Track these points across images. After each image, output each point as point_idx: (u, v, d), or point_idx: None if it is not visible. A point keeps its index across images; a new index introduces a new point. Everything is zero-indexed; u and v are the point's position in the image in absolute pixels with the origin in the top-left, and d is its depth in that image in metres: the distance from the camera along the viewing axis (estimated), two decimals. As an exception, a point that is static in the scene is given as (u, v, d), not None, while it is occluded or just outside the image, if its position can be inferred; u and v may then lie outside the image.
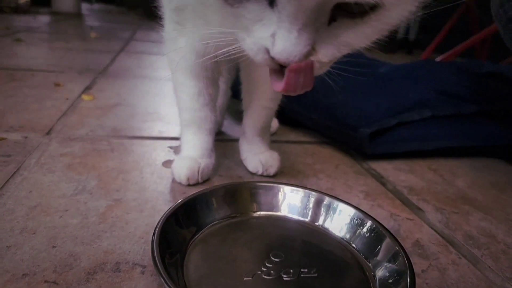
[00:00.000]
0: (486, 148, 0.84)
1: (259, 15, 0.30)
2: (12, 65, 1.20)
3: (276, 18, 0.29)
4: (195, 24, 0.49)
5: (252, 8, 0.30)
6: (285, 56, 0.30)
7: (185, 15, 0.50)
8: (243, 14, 0.31)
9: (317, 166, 0.71)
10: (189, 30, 0.51)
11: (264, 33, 0.31)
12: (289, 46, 0.30)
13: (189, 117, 0.59)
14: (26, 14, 2.94)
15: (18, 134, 0.68)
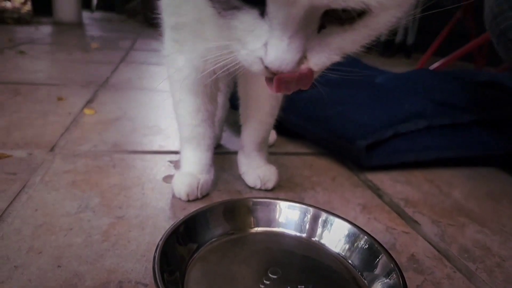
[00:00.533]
0: (482, 157, 0.85)
1: (251, 26, 0.31)
2: (16, 79, 1.22)
3: (267, 27, 0.31)
4: (194, 42, 0.51)
5: (244, 19, 0.31)
6: (277, 64, 0.31)
7: (183, 33, 0.52)
8: (235, 25, 0.32)
9: (315, 178, 0.72)
10: (188, 48, 0.53)
11: (257, 43, 0.32)
12: (281, 54, 0.30)
13: (188, 133, 0.60)
14: (28, 25, 2.98)
15: (23, 151, 0.70)
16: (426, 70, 1.17)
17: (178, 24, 0.52)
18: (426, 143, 0.82)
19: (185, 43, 0.52)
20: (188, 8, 0.49)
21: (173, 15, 0.52)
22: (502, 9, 0.75)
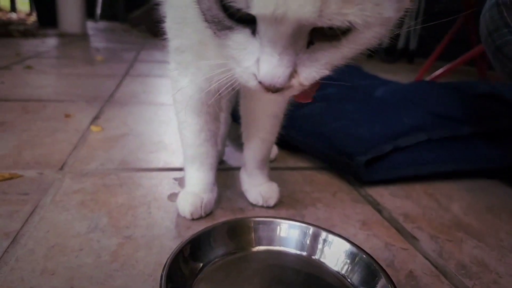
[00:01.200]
0: (483, 170, 0.87)
1: (243, 44, 0.34)
2: (24, 96, 1.25)
3: (258, 45, 0.33)
4: (197, 63, 0.53)
5: (237, 38, 0.34)
6: (269, 79, 0.33)
7: (186, 55, 0.54)
8: (229, 45, 0.35)
9: (315, 194, 0.74)
10: (191, 70, 0.55)
11: (249, 60, 0.34)
12: (272, 69, 0.32)
13: (191, 153, 0.63)
14: (34, 37, 3.03)
15: (33, 171, 0.72)
16: (425, 82, 1.19)
17: (180, 46, 0.54)
18: (425, 157, 0.84)
19: (188, 64, 0.55)
20: (190, 31, 0.51)
21: (176, 37, 0.54)
22: (497, 26, 0.77)
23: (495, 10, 0.77)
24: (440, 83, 1.19)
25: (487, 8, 0.80)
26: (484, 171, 0.87)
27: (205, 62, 0.50)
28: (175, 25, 0.53)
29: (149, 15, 4.31)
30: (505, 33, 0.75)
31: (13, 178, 0.69)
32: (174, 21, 0.54)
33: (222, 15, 0.33)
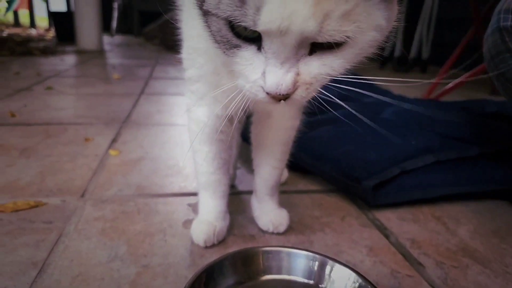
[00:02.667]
0: (491, 192, 0.88)
1: (250, 59, 0.38)
2: (46, 119, 1.32)
3: (263, 58, 0.37)
4: (210, 92, 0.57)
5: (244, 54, 0.38)
6: (275, 88, 0.37)
7: (200, 85, 0.58)
8: (237, 61, 0.39)
9: (324, 219, 0.76)
10: (206, 101, 0.59)
11: (257, 73, 0.38)
12: (277, 79, 0.36)
13: (204, 180, 0.66)
14: (54, 55, 3.15)
15: (57, 198, 0.77)
16: (432, 101, 1.20)
17: (194, 76, 0.58)
18: (433, 180, 0.85)
19: (203, 94, 0.59)
20: (203, 61, 0.55)
21: (190, 67, 0.58)
22: (499, 50, 0.78)
23: (497, 35, 0.79)
24: (447, 103, 1.21)
25: (489, 32, 0.82)
26: (493, 192, 0.88)
27: (218, 90, 0.54)
28: (189, 56, 0.58)
29: (163, 29, 4.42)
30: (507, 58, 0.77)
31: (38, 206, 0.74)
32: (187, 52, 0.58)
33: (231, 35, 0.37)
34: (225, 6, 0.35)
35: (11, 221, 0.68)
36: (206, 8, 0.38)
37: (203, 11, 0.39)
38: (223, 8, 0.35)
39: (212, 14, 0.37)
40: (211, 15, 0.38)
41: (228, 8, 0.35)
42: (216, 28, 0.38)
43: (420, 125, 1.00)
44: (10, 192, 0.79)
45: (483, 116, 1.02)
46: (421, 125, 1.00)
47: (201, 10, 0.39)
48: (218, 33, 0.38)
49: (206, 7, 0.37)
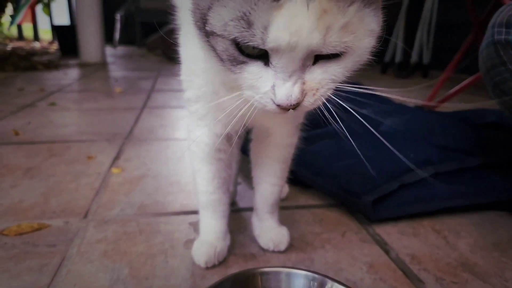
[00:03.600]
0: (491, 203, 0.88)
1: (259, 73, 0.40)
2: (49, 137, 1.34)
3: (272, 72, 0.39)
4: (209, 112, 0.58)
5: (252, 70, 0.40)
6: (285, 100, 0.39)
7: (199, 106, 0.59)
8: (246, 77, 0.41)
9: (325, 235, 0.77)
10: (205, 122, 0.60)
11: (267, 86, 0.40)
12: (286, 92, 0.39)
13: (205, 200, 0.67)
14: (57, 69, 3.18)
15: (60, 220, 0.78)
16: (430, 113, 1.20)
17: (193, 97, 0.59)
18: (432, 192, 0.86)
19: (203, 115, 0.60)
20: (202, 82, 0.56)
21: (188, 88, 0.59)
22: (494, 63, 0.79)
23: (491, 48, 0.80)
24: (445, 113, 1.21)
25: (484, 45, 0.83)
26: (493, 203, 0.88)
27: (216, 101, 0.55)
28: (187, 77, 0.59)
29: (165, 40, 4.47)
30: (502, 70, 0.78)
31: (41, 228, 0.75)
32: (186, 73, 0.59)
33: (237, 53, 0.40)
34: (232, 28, 0.37)
35: (15, 245, 0.69)
36: (210, 29, 0.39)
37: (205, 31, 0.40)
38: (230, 30, 0.37)
39: (218, 35, 0.39)
40: (216, 36, 0.39)
41: (236, 30, 0.37)
42: (222, 48, 0.40)
43: (419, 137, 1.00)
44: (14, 214, 0.80)
45: (482, 126, 1.02)
46: (420, 137, 1.00)
47: (203, 31, 0.41)
48: (225, 52, 0.40)
49: (210, 28, 0.39)
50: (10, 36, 6.89)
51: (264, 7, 0.35)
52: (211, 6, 0.38)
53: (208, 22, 0.39)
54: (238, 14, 0.36)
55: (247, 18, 0.36)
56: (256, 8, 0.35)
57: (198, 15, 0.41)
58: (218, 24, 0.38)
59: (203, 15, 0.39)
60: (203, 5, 0.40)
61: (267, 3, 0.35)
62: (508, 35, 0.76)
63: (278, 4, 0.35)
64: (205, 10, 0.39)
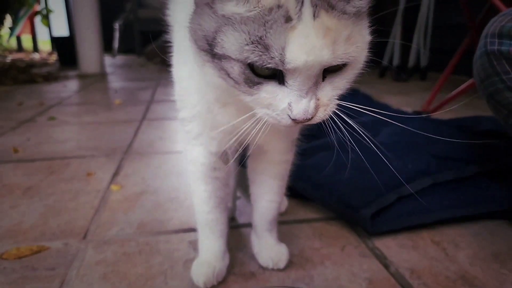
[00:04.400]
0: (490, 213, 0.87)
1: (275, 92, 0.42)
2: (49, 153, 1.34)
3: (287, 90, 0.41)
4: (204, 131, 0.58)
5: (268, 89, 0.42)
6: (302, 115, 0.42)
7: (193, 125, 0.59)
8: (262, 96, 0.43)
9: (324, 250, 0.77)
10: (200, 141, 0.61)
11: (284, 103, 0.42)
12: (303, 107, 0.41)
13: (202, 219, 0.68)
14: (56, 81, 3.20)
15: (59, 242, 0.79)
16: (427, 121, 1.20)
17: (187, 117, 0.59)
18: (431, 204, 0.86)
19: (198, 134, 0.60)
20: (195, 102, 0.57)
21: (183, 109, 0.60)
22: (488, 74, 0.79)
23: (485, 59, 0.80)
24: (442, 121, 1.21)
25: (477, 56, 0.83)
26: (491, 212, 0.87)
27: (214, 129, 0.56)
28: (181, 97, 0.59)
29: (163, 49, 4.48)
30: (496, 81, 0.78)
31: (41, 251, 0.75)
32: (179, 93, 0.59)
33: (253, 75, 0.41)
34: (249, 53, 0.38)
35: (15, 269, 0.70)
36: (222, 53, 0.40)
37: (211, 53, 0.41)
38: (247, 55, 0.39)
39: (233, 59, 0.40)
40: (231, 59, 0.40)
41: (254, 54, 0.38)
42: (238, 71, 0.41)
43: (417, 146, 1.01)
44: (14, 236, 0.81)
45: (479, 134, 1.02)
46: (418, 147, 1.00)
47: (207, 52, 0.42)
48: (241, 75, 0.41)
49: (223, 52, 0.40)
50: (10, 48, 6.93)
51: (279, 30, 0.37)
52: (219, 30, 0.40)
53: (217, 46, 0.40)
54: (254, 38, 0.38)
55: (263, 42, 0.38)
56: (272, 32, 0.37)
57: (199, 35, 0.42)
58: (232, 48, 0.39)
59: (208, 37, 0.41)
60: (207, 26, 0.41)
61: (281, 26, 0.37)
62: (501, 46, 0.76)
63: (291, 26, 0.37)
64: (211, 33, 0.40)
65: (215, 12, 0.40)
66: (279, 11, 0.37)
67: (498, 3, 1.44)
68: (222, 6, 0.40)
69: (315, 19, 0.38)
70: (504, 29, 0.76)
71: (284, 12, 0.37)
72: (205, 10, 0.41)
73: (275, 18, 0.37)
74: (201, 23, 0.41)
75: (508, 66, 0.76)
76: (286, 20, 0.37)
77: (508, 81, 0.76)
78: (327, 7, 0.38)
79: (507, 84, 0.76)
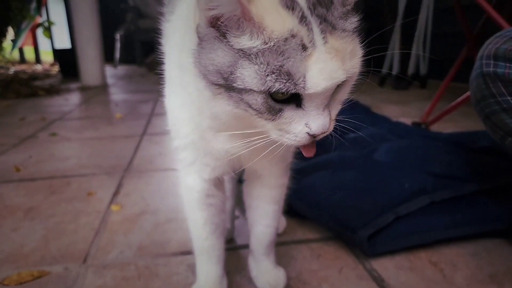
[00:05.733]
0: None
1: (292, 117, 0.44)
2: (50, 172, 1.35)
3: (303, 112, 0.44)
4: (201, 159, 0.59)
5: (287, 114, 0.44)
6: (321, 131, 0.44)
7: (187, 153, 0.60)
8: (281, 122, 0.44)
9: (322, 272, 0.77)
10: (194, 168, 0.61)
11: (300, 126, 0.44)
12: (322, 124, 0.44)
13: (198, 245, 0.68)
14: (58, 94, 3.23)
15: (59, 266, 0.79)
16: (424, 139, 1.20)
17: (180, 145, 0.60)
18: (428, 223, 0.86)
19: (191, 162, 0.61)
20: (188, 131, 0.57)
21: (176, 138, 0.61)
22: (483, 95, 0.80)
23: (480, 80, 0.81)
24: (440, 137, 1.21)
25: (473, 77, 0.84)
26: (490, 232, 0.88)
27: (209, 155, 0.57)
28: (174, 126, 0.60)
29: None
30: (491, 102, 0.79)
31: (41, 276, 0.76)
32: (172, 122, 0.60)
33: (274, 103, 0.43)
34: (272, 82, 0.40)
35: (16, 296, 0.70)
36: (243, 87, 0.41)
37: (226, 87, 0.42)
38: (271, 84, 0.40)
39: (256, 91, 0.41)
40: (253, 92, 0.41)
41: (277, 82, 0.40)
42: (261, 101, 0.42)
43: (413, 165, 1.01)
44: (15, 261, 0.82)
45: (475, 150, 1.02)
46: (415, 165, 1.01)
47: (222, 87, 0.43)
48: (264, 105, 0.42)
49: (244, 86, 0.41)
50: (12, 59, 6.99)
51: (298, 58, 0.40)
52: (236, 64, 0.41)
53: (237, 80, 0.41)
54: (274, 67, 0.40)
55: (284, 70, 0.40)
56: (292, 60, 0.40)
57: (211, 70, 0.42)
58: (254, 81, 0.41)
59: (223, 71, 0.41)
60: (220, 61, 0.42)
61: (300, 54, 0.40)
62: (496, 68, 0.77)
63: (308, 54, 0.40)
64: (226, 67, 0.41)
65: (228, 46, 0.41)
66: (294, 40, 0.40)
67: (494, 15, 1.45)
68: (237, 40, 0.41)
69: (325, 44, 0.41)
70: (499, 51, 0.77)
71: (299, 41, 0.40)
72: (215, 44, 0.42)
73: (292, 46, 0.40)
74: (213, 58, 0.42)
75: (503, 88, 0.77)
76: (303, 48, 0.40)
77: (504, 103, 0.76)
78: (331, 29, 0.41)
79: (502, 106, 0.76)
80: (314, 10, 0.41)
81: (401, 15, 3.10)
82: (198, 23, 0.43)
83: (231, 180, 0.88)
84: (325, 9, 0.42)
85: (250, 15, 0.39)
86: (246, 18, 0.39)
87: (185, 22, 0.49)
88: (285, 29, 0.40)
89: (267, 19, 0.40)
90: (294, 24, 0.40)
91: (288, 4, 0.40)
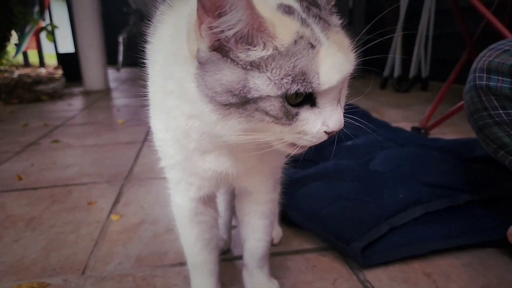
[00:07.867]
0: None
1: (307, 119, 0.45)
2: (52, 181, 1.38)
3: (317, 111, 0.45)
4: (186, 178, 0.60)
5: (302, 117, 0.45)
6: (338, 125, 0.46)
7: (174, 173, 0.61)
8: (298, 124, 0.45)
9: (316, 284, 0.78)
10: (181, 187, 0.63)
11: (317, 125, 0.46)
12: (338, 116, 0.46)
13: (191, 260, 0.70)
14: (61, 99, 3.26)
15: (59, 278, 0.81)
16: (420, 149, 1.21)
17: (167, 165, 0.62)
18: (423, 234, 0.87)
19: (178, 181, 0.62)
20: (173, 152, 0.58)
21: (163, 158, 0.62)
22: (476, 108, 0.81)
23: (474, 93, 0.82)
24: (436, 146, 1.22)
25: (467, 89, 0.84)
26: (483, 242, 0.88)
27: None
28: (160, 147, 0.61)
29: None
30: (484, 116, 0.80)
31: (42, 288, 0.78)
32: (158, 144, 0.61)
33: (290, 107, 0.44)
34: (288, 84, 0.42)
35: (16, 308, 0.72)
36: (259, 95, 0.42)
37: (238, 104, 0.43)
38: (288, 86, 0.42)
39: (272, 97, 0.42)
40: (270, 98, 0.43)
41: (293, 83, 0.42)
42: (279, 106, 0.43)
43: (408, 175, 1.02)
44: (16, 273, 0.83)
45: (471, 160, 1.03)
46: (409, 175, 1.01)
47: (234, 106, 0.43)
48: (281, 110, 0.44)
49: (260, 94, 0.42)
50: (16, 63, 7.05)
51: (310, 56, 0.42)
52: (247, 77, 0.42)
53: (251, 91, 0.42)
54: (288, 69, 0.42)
55: (299, 70, 0.42)
56: (304, 59, 0.42)
57: (219, 91, 0.43)
58: (269, 87, 0.42)
59: (234, 88, 0.42)
60: (229, 80, 0.42)
61: (311, 53, 0.42)
62: (489, 81, 0.77)
63: (316, 51, 0.42)
64: (236, 83, 0.42)
65: (234, 63, 0.42)
66: (303, 40, 0.42)
67: (493, 20, 1.46)
68: (247, 53, 0.42)
69: (328, 40, 0.44)
70: (492, 65, 0.77)
71: (307, 41, 0.42)
72: (220, 65, 0.43)
73: (302, 47, 0.42)
74: (220, 78, 0.42)
75: (496, 101, 0.77)
76: (311, 47, 0.42)
77: (496, 117, 0.77)
78: (327, 26, 0.45)
79: (495, 120, 0.77)
80: (309, 11, 0.45)
81: (403, 17, 3.10)
82: (198, 48, 0.43)
83: (228, 191, 0.89)
84: (318, 9, 0.46)
85: (264, 26, 0.41)
86: (261, 29, 0.42)
87: (169, 48, 0.50)
88: (293, 32, 0.42)
89: (278, 27, 0.42)
90: (298, 26, 0.43)
91: (287, 10, 0.44)
